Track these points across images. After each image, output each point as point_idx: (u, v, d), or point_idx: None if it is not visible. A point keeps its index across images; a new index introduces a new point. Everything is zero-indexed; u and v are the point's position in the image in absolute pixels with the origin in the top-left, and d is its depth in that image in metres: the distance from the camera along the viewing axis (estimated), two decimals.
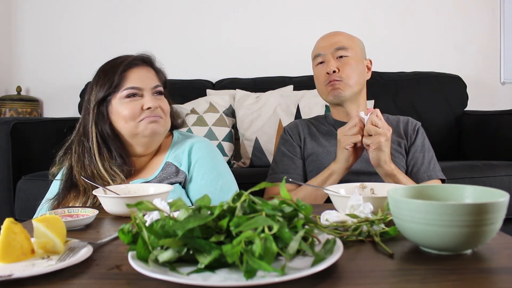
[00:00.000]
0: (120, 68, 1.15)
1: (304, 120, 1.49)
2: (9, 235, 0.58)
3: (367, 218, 0.68)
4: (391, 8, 2.68)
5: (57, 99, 2.74)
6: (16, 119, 1.92)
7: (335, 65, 1.30)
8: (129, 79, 1.14)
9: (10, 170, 1.83)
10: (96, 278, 0.53)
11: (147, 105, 1.13)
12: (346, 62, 1.31)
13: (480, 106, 2.46)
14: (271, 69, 2.57)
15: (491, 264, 0.56)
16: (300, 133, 1.42)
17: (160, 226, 0.54)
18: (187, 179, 1.17)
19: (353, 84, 1.31)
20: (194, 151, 1.19)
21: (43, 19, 2.74)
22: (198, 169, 1.17)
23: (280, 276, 0.46)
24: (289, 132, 1.44)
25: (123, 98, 1.13)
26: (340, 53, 1.31)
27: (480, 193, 0.64)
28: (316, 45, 1.39)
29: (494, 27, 2.70)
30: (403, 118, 1.42)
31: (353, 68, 1.31)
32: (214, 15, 2.71)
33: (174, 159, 1.18)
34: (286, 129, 1.46)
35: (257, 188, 0.57)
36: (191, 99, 2.27)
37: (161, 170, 1.17)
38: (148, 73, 1.18)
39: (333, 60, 1.31)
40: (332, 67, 1.30)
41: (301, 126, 1.44)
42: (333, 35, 1.37)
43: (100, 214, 0.88)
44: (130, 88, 1.13)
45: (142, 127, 1.13)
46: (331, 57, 1.32)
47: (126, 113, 1.13)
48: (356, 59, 1.33)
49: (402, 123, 1.39)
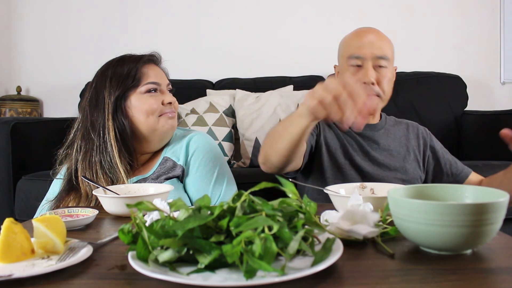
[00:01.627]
0: (139, 64, 1.18)
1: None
2: (9, 235, 0.58)
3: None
4: (391, 8, 2.68)
5: (57, 99, 2.74)
6: (16, 119, 1.92)
7: (375, 77, 1.21)
8: (148, 75, 1.17)
9: (10, 170, 1.84)
10: (96, 278, 0.53)
11: (168, 100, 1.18)
12: (384, 75, 1.22)
13: (480, 106, 2.46)
14: (271, 69, 2.58)
15: (491, 264, 0.56)
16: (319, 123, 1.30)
17: (160, 226, 0.54)
18: (185, 173, 1.17)
19: (386, 100, 1.26)
20: (191, 144, 1.19)
21: (43, 19, 2.74)
22: (194, 161, 1.18)
23: (280, 276, 0.46)
24: None
25: (143, 93, 1.16)
26: (380, 63, 1.22)
27: (480, 193, 0.64)
28: (354, 42, 1.25)
29: (494, 27, 2.70)
30: (411, 124, 1.38)
31: (389, 82, 1.25)
32: (214, 15, 2.71)
33: (172, 154, 1.19)
34: None
35: (257, 188, 0.57)
36: (191, 99, 2.27)
37: (158, 165, 1.18)
38: (161, 71, 1.23)
39: (372, 70, 1.21)
40: (372, 78, 1.20)
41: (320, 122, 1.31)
42: (376, 38, 1.24)
43: (100, 214, 0.88)
44: (151, 83, 1.16)
45: (162, 122, 1.16)
46: (371, 65, 1.21)
47: (147, 107, 1.15)
48: (392, 71, 1.27)
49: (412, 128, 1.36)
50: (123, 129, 1.14)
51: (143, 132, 1.16)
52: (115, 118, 1.14)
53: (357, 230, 0.62)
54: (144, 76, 1.16)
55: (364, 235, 0.62)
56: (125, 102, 1.15)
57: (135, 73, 1.16)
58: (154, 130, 1.16)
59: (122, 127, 1.14)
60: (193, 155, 1.18)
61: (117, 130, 1.14)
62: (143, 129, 1.16)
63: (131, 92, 1.15)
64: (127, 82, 1.15)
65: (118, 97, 1.14)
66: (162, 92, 1.19)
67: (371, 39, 1.23)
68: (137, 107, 1.15)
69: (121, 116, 1.14)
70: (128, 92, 1.15)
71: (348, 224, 0.63)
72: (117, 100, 1.14)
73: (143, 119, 1.15)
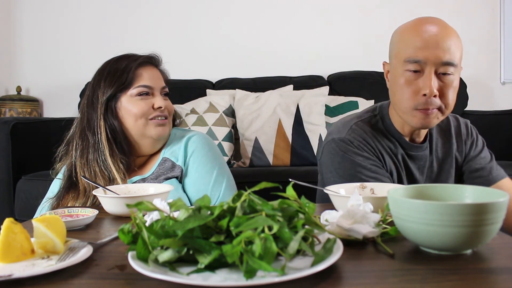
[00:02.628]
0: (133, 65, 1.15)
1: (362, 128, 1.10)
2: (9, 235, 0.58)
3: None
4: (391, 8, 2.68)
5: (57, 99, 2.74)
6: (16, 119, 1.92)
7: (437, 87, 0.98)
8: (142, 77, 1.15)
9: (10, 170, 1.84)
10: (96, 278, 0.53)
11: (158, 104, 1.14)
12: (449, 83, 1.00)
13: (480, 106, 2.46)
14: (271, 69, 2.58)
15: (491, 264, 0.56)
16: (371, 144, 1.08)
17: (160, 226, 0.54)
18: (183, 173, 1.17)
19: (448, 113, 1.05)
20: (190, 144, 1.18)
21: (43, 19, 2.74)
22: (193, 162, 1.17)
23: (280, 276, 0.46)
24: (359, 144, 1.07)
25: (134, 96, 1.14)
26: (445, 70, 0.99)
27: (480, 193, 0.64)
28: (413, 41, 1.00)
29: (494, 27, 2.70)
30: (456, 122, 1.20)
31: (455, 91, 1.02)
32: (214, 15, 2.71)
33: (171, 154, 1.19)
34: (350, 140, 1.07)
35: (257, 188, 0.57)
36: (191, 99, 2.27)
37: (157, 166, 1.17)
38: (157, 73, 1.20)
39: (435, 79, 0.98)
40: (433, 89, 0.98)
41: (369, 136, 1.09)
42: (442, 36, 0.98)
43: (100, 214, 0.88)
44: (142, 86, 1.14)
45: (150, 128, 1.14)
46: (433, 73, 0.98)
47: (136, 111, 1.13)
48: (458, 77, 1.03)
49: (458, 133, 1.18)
50: (114, 129, 1.14)
51: (133, 135, 1.16)
52: (106, 118, 1.14)
53: (357, 229, 0.62)
54: (137, 78, 1.15)
55: (364, 235, 0.62)
56: (116, 103, 1.15)
57: (128, 74, 1.14)
58: (142, 134, 1.15)
59: (113, 128, 1.14)
60: (192, 155, 1.17)
61: (109, 130, 1.14)
62: (133, 132, 1.15)
63: (122, 94, 1.14)
64: (120, 82, 1.14)
65: (110, 97, 1.14)
66: (154, 96, 1.16)
67: (436, 38, 0.98)
68: (127, 109, 1.14)
69: (112, 117, 1.14)
70: (120, 93, 1.14)
71: (349, 223, 0.63)
72: (108, 100, 1.14)
73: (132, 122, 1.14)
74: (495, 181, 1.16)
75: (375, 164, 1.06)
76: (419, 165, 1.12)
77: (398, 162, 1.10)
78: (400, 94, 1.03)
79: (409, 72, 1.00)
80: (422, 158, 1.12)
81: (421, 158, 1.12)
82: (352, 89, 2.30)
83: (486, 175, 1.17)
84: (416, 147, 1.11)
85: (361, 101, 2.25)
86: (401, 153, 1.10)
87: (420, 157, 1.12)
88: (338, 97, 2.34)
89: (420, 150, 1.11)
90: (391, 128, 1.11)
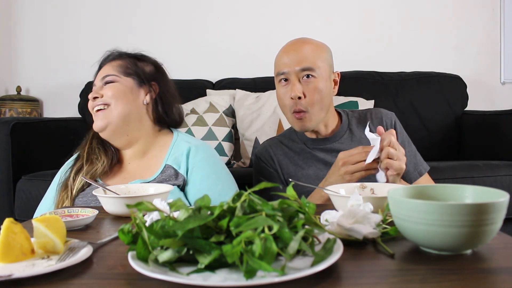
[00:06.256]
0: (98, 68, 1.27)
1: (273, 140, 1.37)
2: (9, 235, 0.58)
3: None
4: (391, 8, 2.68)
5: (57, 99, 2.74)
6: (16, 119, 1.92)
7: (301, 90, 1.17)
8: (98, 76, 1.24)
9: (10, 170, 1.83)
10: (96, 278, 0.53)
11: (91, 95, 1.21)
12: (312, 85, 1.18)
13: (480, 106, 2.46)
14: (271, 69, 2.57)
15: (491, 264, 0.56)
16: (272, 157, 1.32)
17: (160, 226, 0.54)
18: (186, 182, 1.17)
19: (318, 112, 1.20)
20: (192, 155, 1.18)
21: (43, 19, 2.74)
22: (196, 174, 1.17)
23: (280, 276, 0.46)
24: (262, 159, 1.34)
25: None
26: (306, 73, 1.18)
27: (480, 193, 0.64)
28: (278, 59, 1.24)
29: (494, 27, 2.70)
30: (374, 112, 1.31)
31: (320, 91, 1.18)
32: (214, 15, 2.71)
33: (174, 161, 1.18)
34: (258, 155, 1.35)
35: (257, 188, 0.57)
36: (191, 99, 2.27)
37: (160, 172, 1.17)
38: (108, 68, 1.23)
39: (298, 83, 1.18)
40: (297, 92, 1.17)
41: (272, 149, 1.33)
42: (298, 48, 1.21)
43: (100, 214, 0.88)
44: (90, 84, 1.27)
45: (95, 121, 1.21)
46: (295, 79, 1.18)
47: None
48: (323, 79, 1.19)
49: (376, 119, 1.28)
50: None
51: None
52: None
53: (358, 229, 0.62)
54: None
55: (364, 235, 0.62)
56: None
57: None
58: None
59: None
60: (195, 167, 1.17)
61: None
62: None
63: None
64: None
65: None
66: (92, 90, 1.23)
67: (295, 52, 1.21)
68: None
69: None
70: None
71: (350, 222, 0.63)
72: None
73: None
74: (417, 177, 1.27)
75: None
76: (333, 155, 1.23)
77: (303, 158, 1.28)
78: (281, 105, 1.25)
79: (281, 84, 1.22)
80: (334, 149, 1.26)
81: (333, 149, 1.26)
82: (352, 89, 2.29)
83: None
84: (322, 140, 1.28)
85: (361, 101, 2.25)
86: (308, 150, 1.29)
87: (332, 147, 1.27)
88: (338, 97, 2.34)
89: (328, 142, 1.27)
90: (297, 133, 1.32)
